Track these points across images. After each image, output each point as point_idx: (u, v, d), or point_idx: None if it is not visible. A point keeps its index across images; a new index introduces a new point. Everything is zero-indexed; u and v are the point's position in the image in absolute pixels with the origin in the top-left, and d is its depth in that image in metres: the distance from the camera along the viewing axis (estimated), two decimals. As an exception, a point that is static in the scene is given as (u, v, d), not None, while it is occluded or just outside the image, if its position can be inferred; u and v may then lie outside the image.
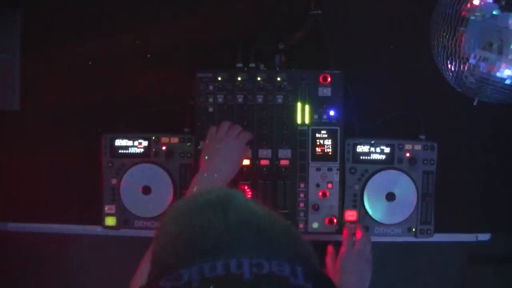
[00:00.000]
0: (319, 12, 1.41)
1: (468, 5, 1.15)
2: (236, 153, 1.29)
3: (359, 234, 1.35)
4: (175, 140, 1.40)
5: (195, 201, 0.66)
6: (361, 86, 1.43)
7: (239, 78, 1.38)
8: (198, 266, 0.55)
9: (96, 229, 1.42)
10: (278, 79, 1.38)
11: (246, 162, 1.38)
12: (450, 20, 1.17)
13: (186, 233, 0.62)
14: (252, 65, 1.40)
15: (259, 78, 1.38)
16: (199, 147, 1.35)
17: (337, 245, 1.36)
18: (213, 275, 0.54)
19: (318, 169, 1.38)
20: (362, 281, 1.31)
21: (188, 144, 1.39)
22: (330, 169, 1.38)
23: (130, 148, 1.40)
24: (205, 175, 1.23)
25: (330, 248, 1.36)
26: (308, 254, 0.64)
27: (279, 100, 1.38)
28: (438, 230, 1.41)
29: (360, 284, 1.31)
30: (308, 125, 1.38)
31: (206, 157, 1.27)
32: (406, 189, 1.39)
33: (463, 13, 1.16)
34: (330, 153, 1.38)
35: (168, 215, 0.67)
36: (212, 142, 1.29)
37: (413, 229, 1.40)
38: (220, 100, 1.38)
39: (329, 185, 1.38)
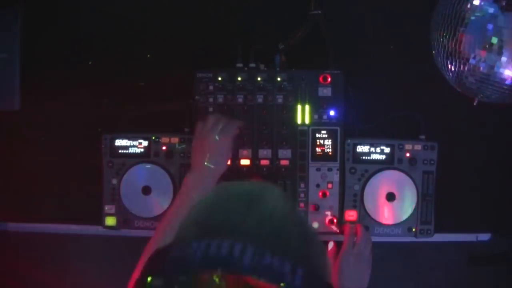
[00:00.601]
0: (319, 12, 1.41)
1: (468, 5, 1.15)
2: (222, 146, 1.27)
3: (359, 234, 1.35)
4: (175, 140, 1.40)
5: (233, 188, 0.72)
6: (361, 86, 1.43)
7: (239, 78, 1.38)
8: (206, 242, 0.59)
9: (96, 229, 1.42)
10: (278, 79, 1.38)
11: (246, 162, 1.38)
12: (450, 20, 1.17)
13: (210, 213, 0.67)
14: (252, 65, 1.40)
15: (259, 78, 1.38)
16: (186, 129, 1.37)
17: (338, 245, 1.36)
18: (216, 253, 0.58)
19: (318, 169, 1.38)
20: (362, 281, 1.31)
21: (182, 146, 1.38)
22: (330, 169, 1.38)
23: (130, 148, 1.41)
24: (196, 173, 1.24)
25: (331, 246, 1.36)
26: (318, 263, 0.66)
27: (279, 100, 1.38)
28: (438, 230, 1.41)
29: (359, 283, 1.31)
30: (308, 125, 1.38)
31: (195, 154, 1.27)
32: (406, 189, 1.39)
33: (463, 13, 1.16)
34: (330, 153, 1.38)
35: (209, 194, 0.72)
36: (199, 138, 1.29)
37: (413, 229, 1.40)
38: (220, 100, 1.38)
39: (329, 185, 1.38)
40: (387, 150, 1.40)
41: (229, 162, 1.29)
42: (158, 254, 0.62)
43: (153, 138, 1.40)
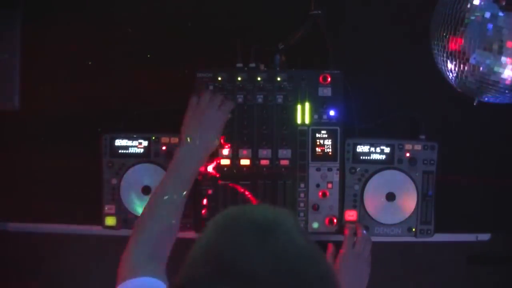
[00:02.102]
0: (319, 12, 1.41)
1: (468, 5, 1.15)
2: (218, 122, 1.29)
3: (359, 235, 1.35)
4: (175, 140, 1.39)
5: (240, 217, 0.65)
6: (361, 86, 1.43)
7: (239, 78, 1.38)
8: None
9: (96, 229, 1.42)
10: (278, 79, 1.38)
11: (246, 162, 1.38)
12: (450, 20, 1.17)
13: (220, 248, 0.62)
14: (252, 65, 1.40)
15: (259, 78, 1.38)
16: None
17: (337, 245, 1.36)
18: None
19: (318, 169, 1.38)
20: (361, 281, 1.31)
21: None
22: (330, 169, 1.38)
23: (130, 148, 1.41)
24: (187, 147, 1.24)
25: (330, 247, 1.36)
26: None
27: (279, 100, 1.38)
28: (438, 230, 1.41)
29: (358, 284, 1.31)
30: (308, 125, 1.38)
31: (188, 129, 1.27)
32: (406, 189, 1.39)
33: (463, 13, 1.16)
34: (330, 153, 1.38)
35: (212, 224, 0.66)
36: (194, 112, 1.29)
37: (413, 229, 1.40)
38: (220, 100, 1.38)
39: (329, 185, 1.38)
40: (387, 150, 1.40)
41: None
42: None
43: (153, 138, 1.40)
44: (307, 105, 1.38)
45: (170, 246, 1.14)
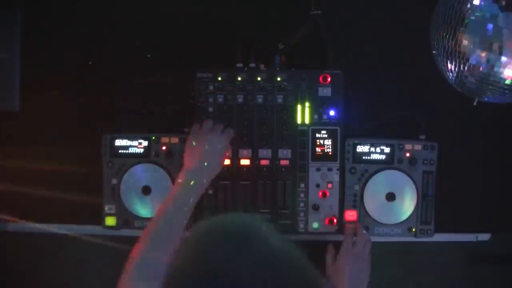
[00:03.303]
0: (319, 12, 1.41)
1: (468, 5, 1.15)
2: (221, 150, 1.30)
3: (358, 235, 1.35)
4: (175, 140, 1.40)
5: (212, 230, 0.66)
6: (361, 86, 1.43)
7: (239, 78, 1.38)
8: None
9: (96, 229, 1.42)
10: (278, 79, 1.38)
11: (246, 162, 1.38)
12: (450, 20, 1.17)
13: (199, 266, 0.62)
14: (252, 65, 1.40)
15: (259, 78, 1.38)
16: (185, 129, 1.35)
17: (337, 245, 1.36)
18: None
19: (318, 169, 1.38)
20: (360, 281, 1.31)
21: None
22: (330, 169, 1.38)
23: (130, 148, 1.41)
24: (189, 173, 1.24)
25: (329, 248, 1.36)
26: None
27: (279, 100, 1.38)
28: (438, 230, 1.41)
29: (358, 284, 1.31)
30: (308, 125, 1.38)
31: (191, 154, 1.28)
32: (406, 189, 1.39)
33: (463, 13, 1.16)
34: (330, 153, 1.38)
35: (185, 241, 0.67)
36: (196, 139, 1.30)
37: (413, 229, 1.40)
38: (220, 100, 1.38)
39: (329, 185, 1.38)
40: (387, 150, 1.40)
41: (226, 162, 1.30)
42: None
43: (153, 138, 1.40)
44: (307, 105, 1.38)
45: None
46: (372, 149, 1.40)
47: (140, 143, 1.40)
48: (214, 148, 1.28)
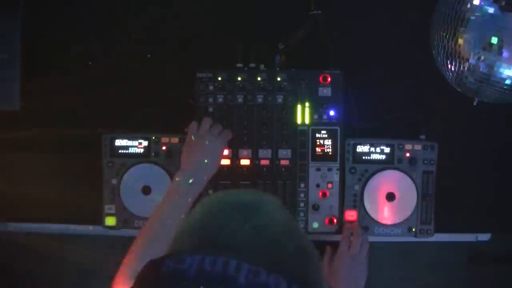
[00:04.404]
0: (319, 12, 1.41)
1: (468, 5, 1.15)
2: (218, 150, 1.30)
3: (356, 236, 1.35)
4: (175, 140, 1.40)
5: (227, 198, 0.69)
6: (361, 86, 1.43)
7: (239, 78, 1.38)
8: (201, 257, 0.58)
9: (96, 229, 1.42)
10: (278, 79, 1.38)
11: (246, 162, 1.38)
12: (450, 20, 1.17)
13: (204, 224, 0.65)
14: (252, 65, 1.40)
15: (259, 78, 1.38)
16: (185, 129, 1.35)
17: (336, 246, 1.36)
18: (210, 269, 0.57)
19: (318, 169, 1.38)
20: (357, 283, 1.31)
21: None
22: (330, 169, 1.38)
23: (130, 148, 1.41)
24: (188, 172, 1.24)
25: (327, 250, 1.36)
26: (314, 279, 0.64)
27: (279, 100, 1.38)
28: (438, 230, 1.41)
29: (354, 285, 1.31)
30: (308, 125, 1.38)
31: (189, 153, 1.28)
32: (406, 189, 1.39)
33: (463, 13, 1.16)
34: (330, 153, 1.38)
35: (199, 204, 0.70)
36: (194, 139, 1.30)
37: (413, 229, 1.40)
38: (220, 100, 1.38)
39: (329, 185, 1.38)
40: (387, 150, 1.40)
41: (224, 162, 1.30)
42: (152, 266, 0.61)
43: (153, 138, 1.40)
44: (307, 105, 1.38)
45: None
46: (372, 149, 1.40)
47: (140, 143, 1.40)
48: (211, 148, 1.29)
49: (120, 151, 1.40)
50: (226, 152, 1.37)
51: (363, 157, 1.40)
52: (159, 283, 0.58)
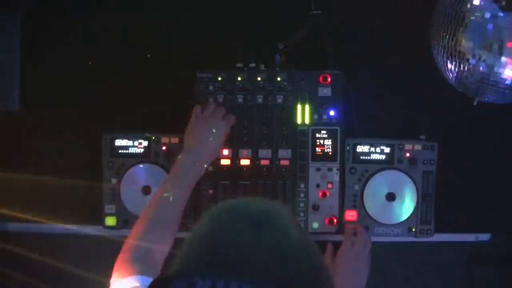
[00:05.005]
0: (319, 12, 1.41)
1: (468, 5, 1.15)
2: (221, 132, 1.30)
3: (358, 235, 1.35)
4: (175, 140, 1.40)
5: (237, 209, 0.65)
6: (361, 86, 1.43)
7: (239, 78, 1.38)
8: (212, 282, 0.55)
9: (96, 229, 1.42)
10: (278, 79, 1.38)
11: (246, 162, 1.38)
12: (450, 20, 1.16)
13: (214, 239, 0.62)
14: (252, 65, 1.40)
15: (259, 78, 1.38)
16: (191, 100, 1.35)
17: (337, 245, 1.36)
18: None
19: (318, 169, 1.38)
20: (358, 282, 1.31)
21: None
22: (330, 169, 1.38)
23: (130, 148, 1.41)
24: (191, 152, 1.25)
25: (329, 247, 1.36)
26: None
27: (279, 100, 1.38)
28: (438, 230, 1.41)
29: (356, 284, 1.31)
30: (308, 125, 1.38)
31: (191, 134, 1.29)
32: (406, 189, 1.39)
33: (463, 13, 1.16)
34: (330, 153, 1.38)
35: (207, 216, 0.66)
36: (197, 121, 1.31)
37: (413, 229, 1.40)
38: (220, 100, 1.38)
39: (329, 185, 1.38)
40: (387, 150, 1.40)
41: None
42: (161, 284, 0.58)
43: (153, 138, 1.40)
44: (307, 105, 1.38)
45: (165, 251, 1.14)
46: (372, 149, 1.40)
47: (140, 143, 1.40)
48: (214, 129, 1.29)
49: (120, 151, 1.40)
50: (226, 152, 1.37)
51: (363, 157, 1.40)
52: None
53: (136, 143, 1.40)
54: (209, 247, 0.61)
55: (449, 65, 1.20)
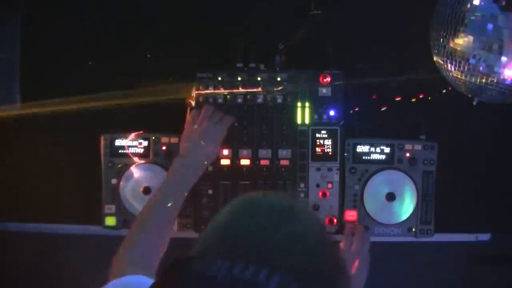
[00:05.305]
0: (319, 12, 1.41)
1: (468, 5, 1.15)
2: (217, 135, 1.31)
3: (357, 235, 1.35)
4: (175, 140, 1.40)
5: (260, 202, 0.66)
6: (361, 86, 1.43)
7: (239, 78, 1.38)
8: (230, 263, 0.57)
9: (96, 229, 1.42)
10: (278, 79, 1.38)
11: (246, 162, 1.38)
12: (450, 20, 1.16)
13: (236, 229, 0.62)
14: (252, 65, 1.40)
15: (259, 78, 1.38)
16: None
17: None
18: (239, 276, 0.56)
19: (318, 169, 1.38)
20: (358, 281, 1.31)
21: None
22: (330, 169, 1.38)
23: (130, 148, 1.41)
24: (188, 157, 1.26)
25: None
26: None
27: (279, 100, 1.38)
28: (438, 230, 1.41)
29: (355, 283, 1.31)
30: (308, 125, 1.38)
31: (188, 138, 1.30)
32: (406, 189, 1.39)
33: (463, 13, 1.16)
34: (330, 153, 1.38)
35: (229, 207, 0.67)
36: (194, 124, 1.32)
37: (413, 229, 1.40)
38: (220, 100, 1.38)
39: (329, 185, 1.38)
40: (387, 150, 1.40)
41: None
42: (177, 266, 0.59)
43: (153, 138, 1.40)
44: (307, 105, 1.38)
45: (162, 251, 1.15)
46: (372, 149, 1.40)
47: (140, 143, 1.40)
48: (210, 132, 1.30)
49: (120, 151, 1.40)
50: (226, 152, 1.37)
51: (363, 157, 1.40)
52: (183, 284, 0.57)
53: (136, 143, 1.40)
54: (230, 235, 0.62)
55: (449, 65, 1.20)
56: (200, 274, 0.57)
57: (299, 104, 1.38)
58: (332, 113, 1.38)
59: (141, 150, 1.40)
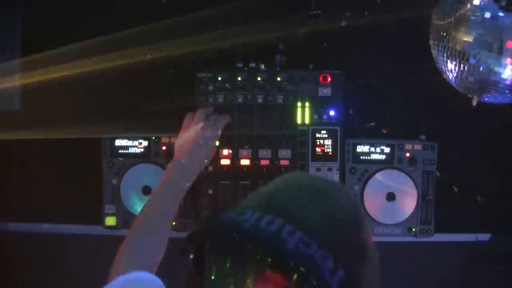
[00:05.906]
0: (319, 12, 1.41)
1: (468, 5, 1.15)
2: (211, 140, 1.31)
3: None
4: (175, 140, 1.39)
5: (305, 181, 0.72)
6: (361, 86, 1.43)
7: (239, 78, 1.38)
8: (260, 214, 0.62)
9: (96, 229, 1.42)
10: (278, 79, 1.38)
11: (246, 162, 1.38)
12: (450, 20, 1.16)
13: (276, 193, 0.68)
14: (252, 65, 1.40)
15: (259, 78, 1.38)
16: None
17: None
18: (265, 227, 0.60)
19: (318, 169, 1.38)
20: None
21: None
22: (330, 169, 1.38)
23: (130, 148, 1.41)
24: (182, 161, 1.26)
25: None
26: (366, 278, 0.65)
27: (279, 100, 1.38)
28: (438, 230, 1.41)
29: None
30: (308, 125, 1.38)
31: (183, 144, 1.30)
32: (406, 189, 1.39)
33: (463, 13, 1.15)
34: (330, 153, 1.38)
35: (277, 179, 0.73)
36: (188, 129, 1.32)
37: (413, 229, 1.40)
38: (220, 100, 1.38)
39: (329, 185, 1.38)
40: (387, 150, 1.40)
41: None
42: (213, 213, 0.65)
43: (153, 138, 1.40)
44: (307, 105, 1.38)
45: (161, 251, 1.15)
46: (372, 149, 1.40)
47: (140, 143, 1.40)
48: (204, 141, 1.30)
49: (120, 151, 1.40)
50: (226, 152, 1.37)
51: (363, 157, 1.40)
52: (214, 229, 0.62)
53: (136, 143, 1.40)
54: (269, 197, 0.67)
55: (449, 65, 1.20)
56: (229, 221, 0.62)
57: (299, 104, 1.38)
58: (332, 113, 1.38)
59: (141, 150, 1.40)
